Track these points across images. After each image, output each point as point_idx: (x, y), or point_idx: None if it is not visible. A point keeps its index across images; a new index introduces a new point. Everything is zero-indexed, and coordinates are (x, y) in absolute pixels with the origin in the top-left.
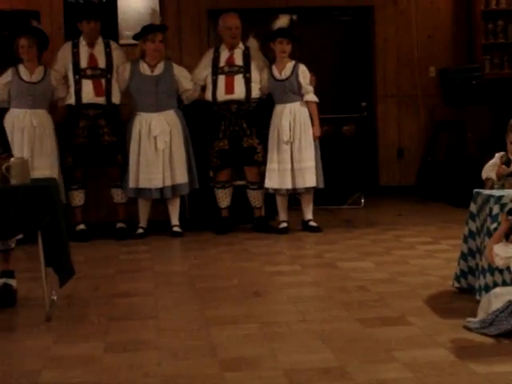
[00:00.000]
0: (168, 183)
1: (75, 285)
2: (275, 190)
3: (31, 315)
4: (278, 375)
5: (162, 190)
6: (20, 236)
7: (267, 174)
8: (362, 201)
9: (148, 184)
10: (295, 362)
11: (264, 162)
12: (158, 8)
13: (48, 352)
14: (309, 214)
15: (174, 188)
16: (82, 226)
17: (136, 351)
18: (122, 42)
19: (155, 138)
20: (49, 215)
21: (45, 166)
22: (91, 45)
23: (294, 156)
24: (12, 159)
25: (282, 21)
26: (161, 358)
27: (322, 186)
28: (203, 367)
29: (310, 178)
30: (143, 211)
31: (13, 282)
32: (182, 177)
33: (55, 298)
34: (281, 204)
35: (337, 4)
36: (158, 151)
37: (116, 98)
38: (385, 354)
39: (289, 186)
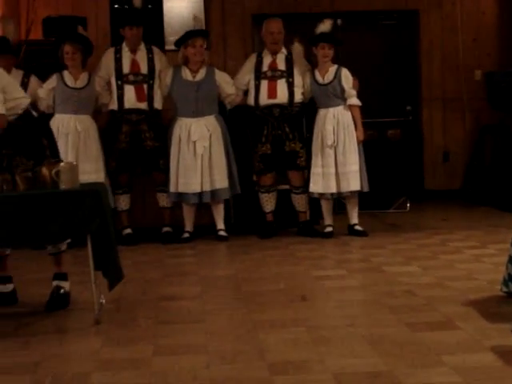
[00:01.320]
0: (207, 188)
1: (123, 288)
2: (320, 194)
3: (80, 318)
4: (327, 379)
5: (200, 194)
6: (68, 240)
7: (311, 179)
8: (408, 205)
9: (186, 189)
10: (343, 366)
11: (307, 167)
12: (202, 13)
13: (97, 355)
14: (354, 219)
15: (214, 193)
16: (128, 231)
17: (184, 354)
18: (167, 47)
19: (194, 143)
20: (98, 219)
21: (90, 171)
22: (134, 50)
23: (338, 160)
24: (61, 164)
25: (325, 25)
26: (209, 361)
27: (366, 189)
28: (252, 371)
29: (354, 182)
30: (188, 216)
31: (65, 285)
32: (221, 182)
33: (104, 301)
34: (326, 208)
35: (382, 8)
36: (196, 156)
37: (158, 104)
38: (433, 359)
39: (333, 190)
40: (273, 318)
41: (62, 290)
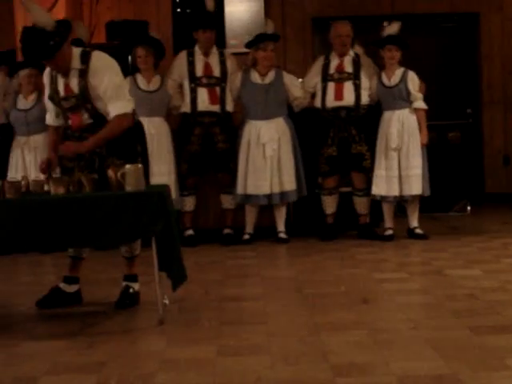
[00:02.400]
0: (276, 190)
1: (185, 289)
2: (382, 197)
3: (144, 318)
4: (391, 382)
5: (269, 196)
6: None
7: (374, 181)
8: (468, 208)
9: (256, 190)
10: (407, 369)
11: (372, 169)
12: (263, 16)
13: (162, 355)
14: (414, 222)
15: (282, 195)
16: (190, 232)
17: (248, 355)
18: (227, 50)
19: (264, 145)
20: (162, 221)
21: (163, 173)
22: (206, 54)
23: (401, 163)
24: (127, 166)
25: (392, 28)
26: (273, 362)
27: (427, 193)
28: (315, 372)
29: (416, 186)
30: (250, 217)
31: (135, 286)
32: (290, 184)
33: (167, 301)
34: (387, 211)
35: (442, 11)
36: (266, 158)
37: (230, 106)
38: (497, 362)
39: (396, 193)
40: (335, 321)
41: (130, 290)
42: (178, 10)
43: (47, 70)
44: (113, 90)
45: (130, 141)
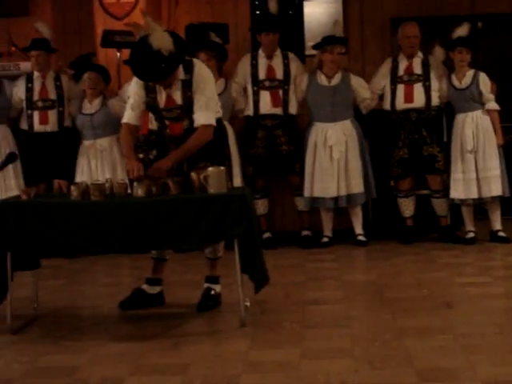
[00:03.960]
0: (343, 193)
1: (266, 291)
2: (461, 200)
3: (227, 320)
4: None
5: (336, 199)
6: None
7: (452, 185)
8: None
9: (323, 193)
10: (495, 374)
11: (446, 170)
12: (341, 18)
13: (246, 357)
14: (497, 224)
15: (350, 197)
16: (267, 234)
17: (332, 358)
18: (307, 53)
19: (331, 147)
20: (245, 223)
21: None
22: (270, 56)
23: (478, 165)
24: (209, 169)
25: (462, 29)
26: (357, 366)
27: (507, 194)
28: (401, 376)
29: (495, 187)
30: (326, 220)
31: (216, 287)
32: (357, 186)
33: (248, 304)
34: (467, 214)
35: None
36: (333, 161)
37: (293, 109)
38: None
39: (474, 195)
40: (418, 325)
41: (212, 292)
42: (257, 12)
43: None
44: (206, 100)
45: (218, 144)
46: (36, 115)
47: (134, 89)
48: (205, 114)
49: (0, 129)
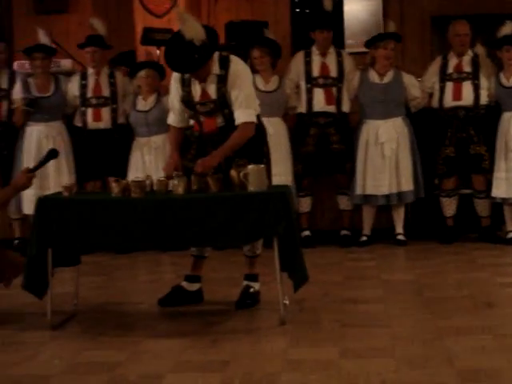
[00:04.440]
0: (394, 190)
1: (305, 290)
2: (503, 199)
3: (266, 318)
4: None
5: (388, 196)
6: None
7: (494, 183)
8: None
9: (375, 191)
10: None
11: (491, 170)
12: (381, 16)
13: (286, 355)
14: None
15: (400, 195)
16: (307, 233)
17: (372, 358)
18: (346, 50)
19: (382, 144)
20: (284, 221)
21: (281, 173)
22: (323, 54)
23: None
24: (249, 166)
25: (507, 27)
26: (397, 365)
27: None
28: (442, 377)
29: None
30: (367, 219)
31: (255, 285)
32: (407, 184)
33: (287, 302)
34: (508, 214)
35: None
36: (384, 158)
37: (346, 107)
38: None
39: None
40: (459, 325)
41: (251, 289)
42: (297, 9)
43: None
44: (245, 97)
45: (256, 142)
46: (90, 112)
47: (172, 89)
48: (245, 112)
49: (55, 125)
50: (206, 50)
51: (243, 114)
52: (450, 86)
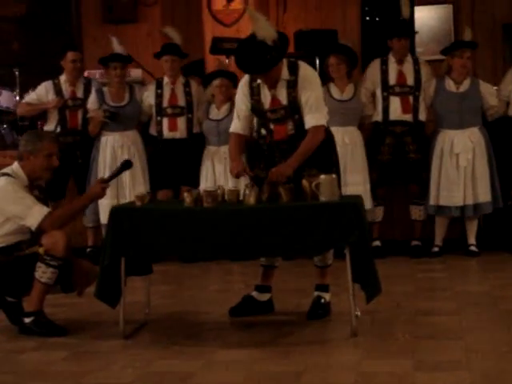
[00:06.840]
0: (469, 201)
1: (376, 301)
2: None
3: (337, 329)
4: None
5: (462, 208)
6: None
7: None
8: None
9: (448, 202)
10: None
11: None
12: (451, 23)
13: (359, 367)
14: None
15: (476, 206)
16: (377, 243)
17: (446, 371)
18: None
19: (457, 155)
20: (356, 231)
21: (357, 182)
22: (400, 62)
23: None
24: (321, 176)
25: None
26: (473, 379)
27: None
28: None
29: None
30: (440, 229)
31: (326, 296)
32: (484, 195)
33: (359, 313)
34: None
35: None
36: (459, 168)
37: (422, 115)
38: None
39: None
40: None
41: (322, 300)
42: (367, 18)
43: (245, 80)
44: (314, 101)
45: (325, 151)
46: (165, 122)
47: (239, 97)
48: (315, 116)
49: (130, 134)
50: (278, 51)
51: (313, 118)
52: None
